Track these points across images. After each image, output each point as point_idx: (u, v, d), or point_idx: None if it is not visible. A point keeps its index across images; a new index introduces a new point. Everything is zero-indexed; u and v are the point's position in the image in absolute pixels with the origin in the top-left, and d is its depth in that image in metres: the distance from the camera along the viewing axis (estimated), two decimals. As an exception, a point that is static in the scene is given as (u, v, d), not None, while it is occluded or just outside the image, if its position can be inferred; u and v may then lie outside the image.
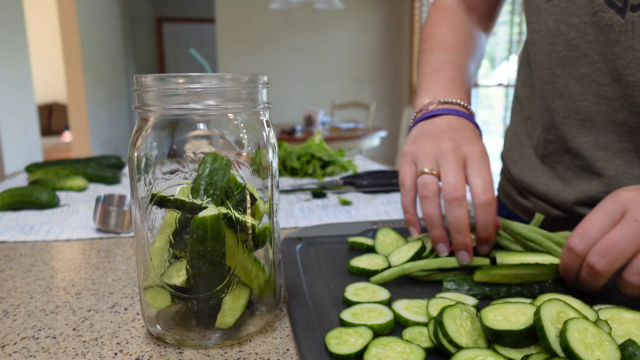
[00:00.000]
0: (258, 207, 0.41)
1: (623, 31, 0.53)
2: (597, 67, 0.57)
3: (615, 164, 0.58)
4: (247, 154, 0.40)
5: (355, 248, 0.61)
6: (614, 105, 0.57)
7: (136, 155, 0.39)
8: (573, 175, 0.62)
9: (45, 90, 6.86)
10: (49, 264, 0.62)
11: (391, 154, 5.28)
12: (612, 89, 0.56)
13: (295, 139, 3.15)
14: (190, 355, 0.39)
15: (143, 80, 0.39)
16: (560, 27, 0.60)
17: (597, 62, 0.57)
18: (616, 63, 0.55)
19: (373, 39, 5.20)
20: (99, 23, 4.60)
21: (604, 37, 0.55)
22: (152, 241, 0.40)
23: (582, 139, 0.60)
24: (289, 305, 0.45)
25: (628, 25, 0.53)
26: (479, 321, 0.38)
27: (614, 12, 0.54)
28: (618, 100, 0.56)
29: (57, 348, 0.41)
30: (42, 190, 0.88)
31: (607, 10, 0.54)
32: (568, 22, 0.59)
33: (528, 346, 0.36)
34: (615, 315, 0.39)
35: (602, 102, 0.58)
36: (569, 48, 0.59)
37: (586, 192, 0.60)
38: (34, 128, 3.59)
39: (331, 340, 0.37)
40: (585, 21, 0.57)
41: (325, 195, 0.97)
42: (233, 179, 0.41)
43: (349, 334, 0.38)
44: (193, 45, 7.14)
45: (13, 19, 3.27)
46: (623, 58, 0.54)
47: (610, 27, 0.54)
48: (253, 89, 0.40)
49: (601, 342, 0.33)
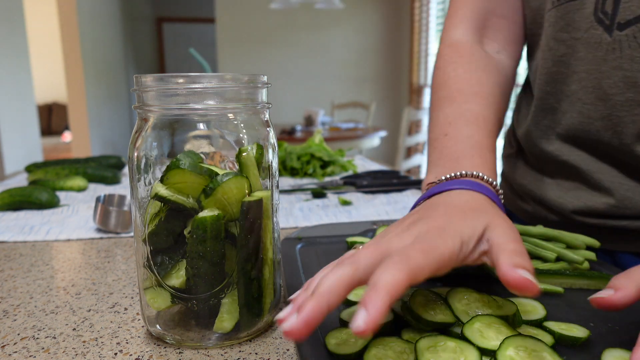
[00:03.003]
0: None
1: (611, 50, 0.52)
2: (582, 84, 0.55)
3: (611, 175, 0.56)
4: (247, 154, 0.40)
5: (355, 248, 0.61)
6: (597, 125, 0.55)
7: (136, 155, 0.39)
8: (571, 185, 0.61)
9: (45, 90, 6.86)
10: (49, 264, 0.62)
11: (391, 154, 5.28)
12: (596, 108, 0.55)
13: (295, 139, 3.15)
14: (190, 355, 0.39)
15: (143, 80, 0.39)
16: (549, 43, 0.58)
17: (584, 80, 0.55)
18: (602, 82, 0.53)
19: (373, 39, 5.20)
20: (99, 23, 4.60)
21: (592, 55, 0.54)
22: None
23: (576, 153, 0.59)
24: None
25: (615, 44, 0.51)
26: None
27: (602, 29, 0.52)
28: (602, 120, 0.54)
29: (57, 348, 0.41)
30: (42, 190, 0.88)
31: (597, 27, 0.53)
32: (557, 37, 0.57)
33: None
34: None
35: (586, 121, 0.56)
36: (558, 64, 0.58)
37: (584, 202, 0.59)
38: (34, 128, 3.59)
39: (331, 340, 0.37)
40: (575, 37, 0.55)
41: (325, 195, 0.97)
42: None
43: (349, 334, 0.38)
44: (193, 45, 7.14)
45: (13, 19, 3.27)
46: (610, 77, 0.52)
47: (599, 45, 0.53)
48: (253, 89, 0.40)
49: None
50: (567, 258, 0.50)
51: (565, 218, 0.62)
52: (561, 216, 0.63)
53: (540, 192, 0.65)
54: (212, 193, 0.37)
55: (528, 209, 0.69)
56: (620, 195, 0.56)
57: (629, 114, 0.52)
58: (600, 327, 0.39)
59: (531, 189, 0.67)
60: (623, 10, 0.51)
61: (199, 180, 0.38)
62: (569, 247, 0.52)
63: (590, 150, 0.58)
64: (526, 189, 0.68)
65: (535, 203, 0.67)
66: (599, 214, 0.58)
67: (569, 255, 0.50)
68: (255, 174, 0.40)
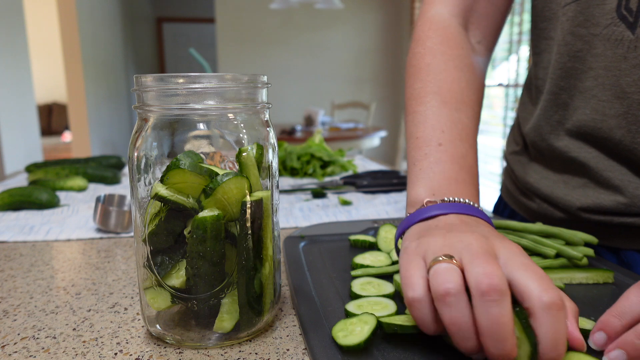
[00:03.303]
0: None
1: (632, 47, 0.51)
2: (599, 81, 0.55)
3: (621, 173, 0.56)
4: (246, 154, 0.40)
5: (357, 246, 0.61)
6: (611, 122, 0.55)
7: (136, 155, 0.39)
8: (579, 182, 0.61)
9: (45, 90, 6.86)
10: (49, 264, 0.62)
11: (391, 154, 5.28)
12: (612, 106, 0.54)
13: (295, 139, 3.15)
14: (190, 355, 0.39)
15: (143, 80, 0.39)
16: (565, 38, 0.58)
17: (600, 77, 0.55)
18: (621, 80, 0.53)
19: (373, 39, 5.20)
20: (99, 23, 4.60)
21: (611, 52, 0.53)
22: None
23: (586, 150, 0.59)
24: (296, 302, 0.45)
25: (638, 41, 0.51)
26: None
27: (625, 26, 0.52)
28: (616, 117, 0.54)
29: (57, 348, 0.41)
30: (42, 190, 0.88)
31: (619, 24, 0.52)
32: (575, 33, 0.56)
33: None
34: None
35: (599, 118, 0.56)
36: (573, 60, 0.57)
37: (592, 199, 0.59)
38: (34, 128, 3.60)
39: (339, 334, 0.37)
40: (593, 33, 0.54)
41: (325, 195, 0.97)
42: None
43: (353, 323, 0.38)
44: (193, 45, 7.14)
45: (13, 19, 3.27)
46: (630, 75, 0.52)
47: (620, 42, 0.52)
48: (253, 89, 0.40)
49: None
50: (567, 254, 0.50)
51: (572, 215, 0.62)
52: (567, 213, 0.63)
53: (546, 189, 0.65)
54: (212, 193, 0.37)
55: (533, 207, 0.68)
56: (631, 194, 0.56)
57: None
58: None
59: (537, 187, 0.66)
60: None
61: (199, 180, 0.38)
62: (568, 243, 0.53)
63: (600, 147, 0.57)
64: (532, 186, 0.68)
65: (541, 200, 0.66)
66: (606, 212, 0.58)
67: (569, 252, 0.50)
68: (256, 174, 0.40)
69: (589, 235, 0.54)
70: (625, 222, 0.57)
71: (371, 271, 0.50)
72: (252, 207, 0.39)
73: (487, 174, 3.72)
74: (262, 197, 0.40)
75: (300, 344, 0.41)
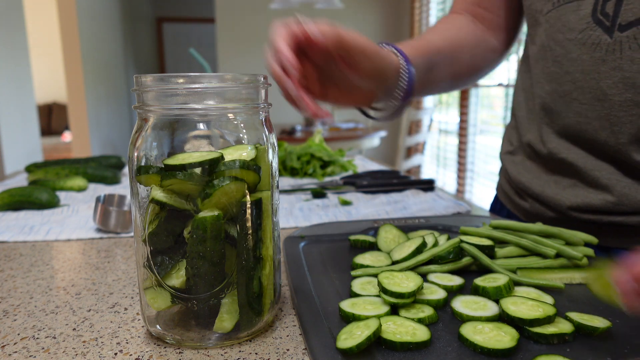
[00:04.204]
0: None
1: (610, 50, 0.53)
2: (577, 85, 0.57)
3: (608, 172, 0.57)
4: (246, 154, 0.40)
5: (357, 246, 0.61)
6: (594, 124, 0.56)
7: (136, 155, 0.39)
8: (569, 182, 0.62)
9: (45, 90, 6.86)
10: (49, 264, 0.62)
11: (391, 154, 5.28)
12: (594, 108, 0.56)
13: (295, 139, 3.15)
14: (190, 355, 0.39)
15: (143, 80, 0.39)
16: (549, 43, 0.60)
17: (578, 81, 0.56)
18: (601, 82, 0.54)
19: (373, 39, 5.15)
20: (99, 23, 4.60)
21: (588, 56, 0.55)
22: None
23: (575, 151, 0.60)
24: (296, 302, 0.45)
25: (616, 44, 0.52)
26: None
27: (602, 30, 0.53)
28: (599, 119, 0.55)
29: (57, 348, 0.41)
30: (42, 190, 0.88)
31: (595, 28, 0.54)
32: (554, 38, 0.59)
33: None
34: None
35: (583, 120, 0.57)
36: (554, 64, 0.59)
37: (581, 199, 0.60)
38: (34, 128, 3.59)
39: (342, 336, 0.38)
40: (569, 38, 0.56)
41: (325, 195, 0.97)
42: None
43: (359, 327, 0.38)
44: (193, 45, 7.14)
45: (13, 19, 3.27)
46: (610, 77, 0.53)
47: (597, 46, 0.54)
48: (253, 89, 0.40)
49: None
50: (567, 254, 0.51)
51: (562, 214, 0.63)
52: (557, 212, 0.64)
53: (537, 189, 0.66)
54: (211, 195, 0.37)
55: (526, 206, 0.70)
56: (618, 192, 0.57)
57: (627, 114, 0.53)
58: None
59: (529, 186, 0.68)
60: (625, 12, 0.51)
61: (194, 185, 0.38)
62: (568, 243, 0.53)
63: (587, 148, 0.59)
64: (524, 186, 0.69)
65: (533, 200, 0.68)
66: (595, 210, 0.59)
67: (569, 252, 0.50)
68: (267, 164, 0.40)
69: (589, 235, 0.54)
70: (614, 221, 0.58)
71: (371, 271, 0.50)
72: (252, 207, 0.39)
73: (487, 174, 3.72)
74: (262, 197, 0.40)
75: (300, 344, 0.41)
